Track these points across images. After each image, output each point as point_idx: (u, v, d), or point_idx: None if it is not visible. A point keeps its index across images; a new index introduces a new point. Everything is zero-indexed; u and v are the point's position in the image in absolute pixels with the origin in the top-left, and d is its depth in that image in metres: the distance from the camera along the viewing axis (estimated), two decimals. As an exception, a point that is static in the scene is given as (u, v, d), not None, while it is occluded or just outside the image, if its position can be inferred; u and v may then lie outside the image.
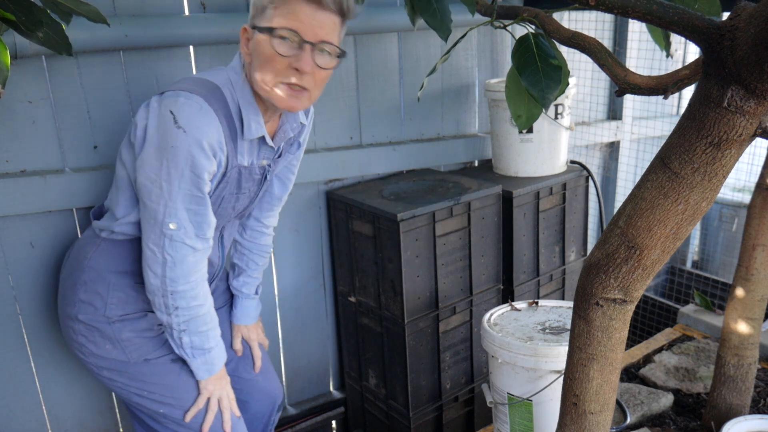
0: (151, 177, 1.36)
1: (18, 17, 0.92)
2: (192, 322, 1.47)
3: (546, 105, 1.29)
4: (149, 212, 1.39)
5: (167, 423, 1.59)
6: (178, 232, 1.38)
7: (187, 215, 1.38)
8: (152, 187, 1.36)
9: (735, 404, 1.66)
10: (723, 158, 0.82)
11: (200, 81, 1.41)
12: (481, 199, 2.12)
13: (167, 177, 1.34)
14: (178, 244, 1.39)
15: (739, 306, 1.60)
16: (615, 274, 0.94)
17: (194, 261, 1.43)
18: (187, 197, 1.37)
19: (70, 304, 1.54)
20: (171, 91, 1.37)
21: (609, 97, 2.89)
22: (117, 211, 1.51)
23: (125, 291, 1.53)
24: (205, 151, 1.35)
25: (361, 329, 2.26)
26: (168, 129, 1.32)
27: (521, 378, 1.60)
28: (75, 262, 1.56)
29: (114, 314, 1.52)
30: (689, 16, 0.79)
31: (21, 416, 1.85)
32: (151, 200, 1.37)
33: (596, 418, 1.06)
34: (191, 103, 1.34)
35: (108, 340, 1.53)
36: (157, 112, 1.35)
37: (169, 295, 1.42)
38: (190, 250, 1.41)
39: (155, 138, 1.35)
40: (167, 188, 1.35)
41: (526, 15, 1.26)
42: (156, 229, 1.38)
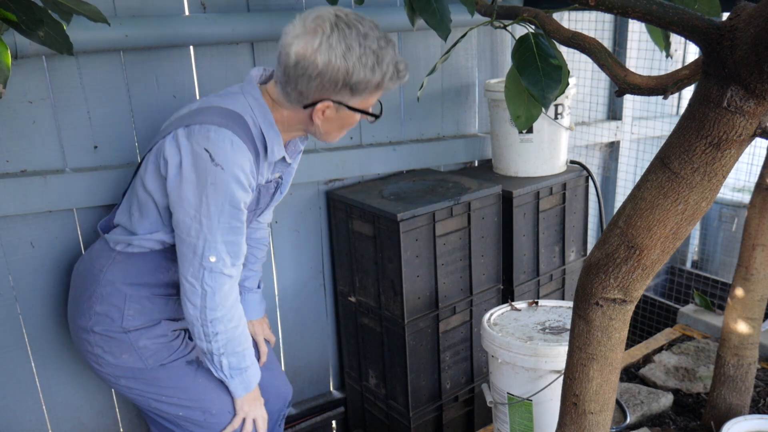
0: (191, 214, 1.39)
1: (19, 17, 0.92)
2: (230, 344, 1.50)
3: (546, 105, 1.29)
4: (188, 247, 1.42)
5: (187, 425, 1.62)
6: (217, 263, 1.42)
7: (225, 247, 1.42)
8: (192, 223, 1.39)
9: (735, 404, 1.66)
10: (723, 158, 0.82)
11: (223, 112, 1.43)
12: (481, 199, 2.12)
13: (207, 213, 1.38)
14: (217, 275, 1.43)
15: (739, 306, 1.60)
16: (615, 274, 0.94)
17: (230, 287, 1.46)
18: (226, 230, 1.41)
19: (85, 317, 1.55)
20: (197, 125, 1.39)
21: (609, 97, 2.89)
22: (139, 228, 1.52)
23: (141, 303, 1.55)
24: (243, 185, 1.40)
25: (361, 329, 2.26)
26: (206, 167, 1.36)
27: (521, 378, 1.60)
28: (89, 276, 1.57)
29: (131, 325, 1.54)
30: (689, 17, 0.79)
31: (21, 416, 1.85)
32: (190, 236, 1.40)
33: (596, 418, 1.06)
34: (223, 138, 1.37)
35: (125, 350, 1.55)
36: (189, 149, 1.38)
37: (208, 323, 1.45)
38: (227, 279, 1.45)
39: (193, 176, 1.37)
40: (207, 223, 1.39)
41: (526, 15, 1.26)
42: (195, 262, 1.42)
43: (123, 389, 1.60)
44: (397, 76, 1.44)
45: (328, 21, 1.35)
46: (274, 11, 1.99)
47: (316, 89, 1.40)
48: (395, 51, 1.44)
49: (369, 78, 1.39)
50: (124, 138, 1.85)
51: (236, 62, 1.98)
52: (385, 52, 1.40)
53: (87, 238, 1.83)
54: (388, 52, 1.41)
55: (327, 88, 1.40)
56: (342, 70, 1.36)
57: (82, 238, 1.83)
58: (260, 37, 1.96)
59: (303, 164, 2.07)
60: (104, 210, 1.83)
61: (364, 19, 1.39)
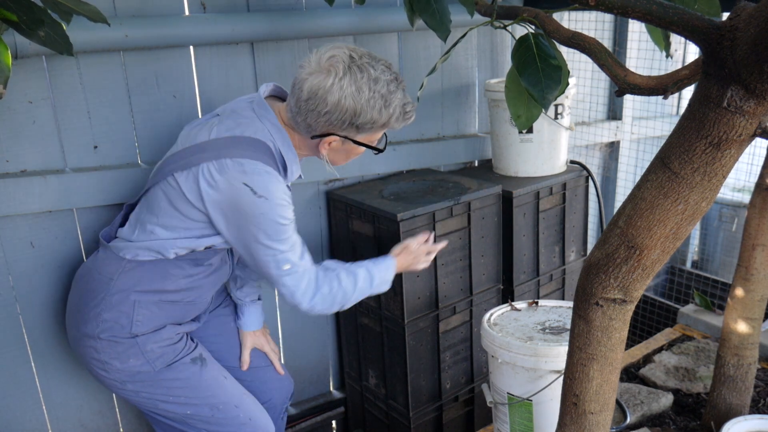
0: (249, 240, 1.49)
1: (19, 17, 0.93)
2: (348, 301, 1.64)
3: (546, 105, 1.29)
4: (260, 265, 1.53)
5: (195, 423, 1.65)
6: (292, 267, 1.54)
7: (289, 254, 1.53)
8: (257, 247, 1.50)
9: (735, 404, 1.66)
10: (723, 158, 0.82)
11: (248, 141, 1.49)
12: (481, 199, 2.12)
13: (265, 237, 1.48)
14: (297, 275, 1.54)
15: (739, 306, 1.60)
16: (615, 274, 0.94)
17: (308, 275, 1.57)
18: (284, 241, 1.51)
19: (92, 324, 1.56)
20: (227, 159, 1.45)
21: (609, 97, 2.89)
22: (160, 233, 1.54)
23: (150, 308, 1.57)
24: (285, 206, 1.50)
25: (361, 329, 2.26)
26: (251, 201, 1.45)
27: (521, 378, 1.60)
28: (97, 284, 1.57)
29: (139, 330, 1.56)
30: (689, 17, 0.79)
31: (21, 416, 1.85)
32: (260, 259, 1.52)
33: (596, 418, 1.06)
34: (258, 171, 1.46)
35: (132, 355, 1.57)
36: (226, 186, 1.45)
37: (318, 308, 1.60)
38: (307, 273, 1.57)
39: (241, 211, 1.46)
40: (269, 244, 1.49)
41: (526, 15, 1.26)
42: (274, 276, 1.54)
43: (130, 394, 1.61)
44: (403, 117, 1.53)
45: (342, 62, 1.43)
46: (274, 11, 1.99)
47: (324, 124, 1.49)
48: (404, 93, 1.52)
49: (376, 119, 1.49)
50: (124, 138, 1.85)
51: (236, 62, 1.98)
52: (393, 96, 1.48)
53: (87, 238, 1.83)
54: (397, 95, 1.49)
55: (334, 125, 1.48)
56: (350, 111, 1.45)
57: (82, 238, 1.83)
58: (260, 37, 1.96)
59: (303, 164, 2.07)
60: (104, 210, 1.83)
61: (377, 62, 1.48)
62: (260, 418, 1.71)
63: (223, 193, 1.45)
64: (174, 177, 1.50)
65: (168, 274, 1.57)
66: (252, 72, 2.01)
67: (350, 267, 1.68)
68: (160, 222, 1.53)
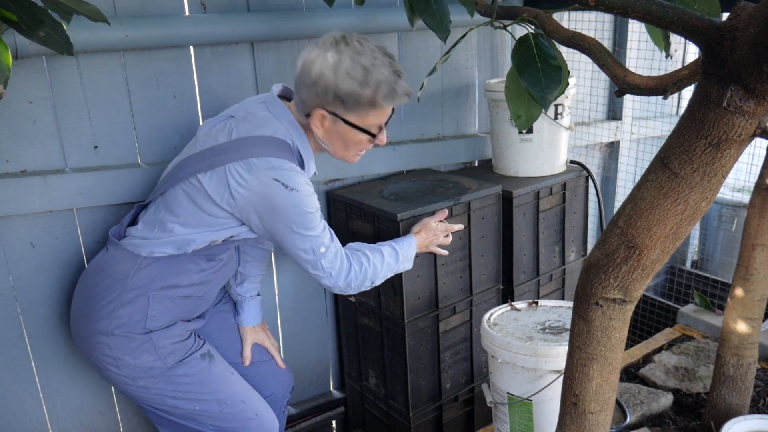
0: (285, 231, 1.55)
1: (19, 17, 0.93)
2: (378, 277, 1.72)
3: (546, 105, 1.29)
4: (302, 253, 1.59)
5: (203, 419, 1.67)
6: (327, 249, 1.61)
7: (323, 237, 1.60)
8: (294, 237, 1.56)
9: (734, 404, 1.66)
10: (722, 158, 0.82)
11: (270, 141, 1.54)
12: (481, 199, 2.12)
13: (300, 227, 1.55)
14: (331, 256, 1.62)
15: (739, 306, 1.60)
16: (615, 274, 0.94)
17: (340, 255, 1.65)
18: (317, 227, 1.58)
19: (104, 320, 1.57)
20: (253, 158, 1.50)
21: (609, 97, 2.89)
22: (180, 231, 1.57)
23: (164, 303, 1.59)
24: (313, 197, 1.56)
25: (361, 329, 2.26)
26: (284, 194, 1.50)
27: (521, 378, 1.60)
28: (111, 281, 1.58)
29: (153, 326, 1.58)
30: (689, 17, 0.79)
31: (21, 416, 1.85)
32: (297, 247, 1.58)
33: (596, 418, 1.07)
34: (284, 166, 1.51)
35: (145, 351, 1.58)
36: (257, 184, 1.49)
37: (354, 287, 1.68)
38: (339, 253, 1.64)
39: (274, 206, 1.51)
40: (305, 233, 1.56)
41: (526, 15, 1.26)
42: (312, 260, 1.60)
43: (140, 390, 1.62)
44: (391, 96, 1.52)
45: (331, 39, 1.49)
46: (274, 11, 1.99)
47: (312, 98, 1.52)
48: (393, 72, 1.51)
49: (358, 92, 1.48)
50: (124, 138, 1.85)
51: (236, 62, 1.98)
52: (376, 70, 1.48)
53: (87, 238, 1.83)
54: (381, 70, 1.49)
55: (321, 98, 1.51)
56: (331, 80, 1.48)
57: (82, 238, 1.83)
58: (260, 37, 1.97)
59: (303, 164, 2.07)
60: (104, 210, 1.83)
61: (367, 42, 1.51)
62: (266, 413, 1.74)
63: (255, 191, 1.49)
64: (197, 178, 1.53)
65: (183, 270, 1.60)
66: (252, 72, 2.01)
67: (374, 245, 1.76)
68: (181, 221, 1.56)
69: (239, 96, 1.99)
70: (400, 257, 1.78)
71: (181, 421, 1.69)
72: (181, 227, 1.56)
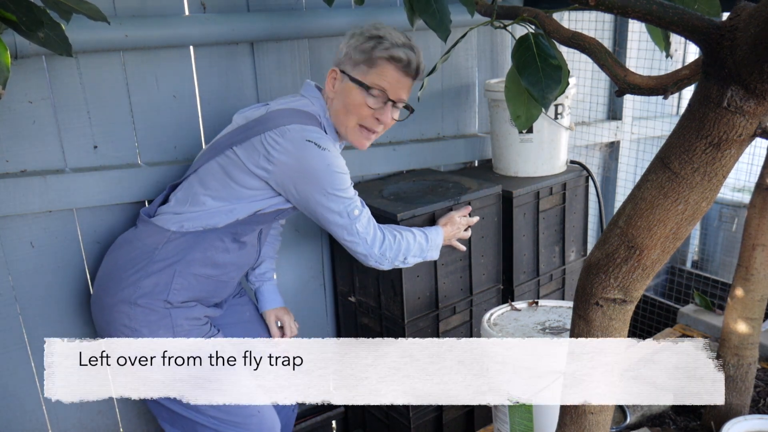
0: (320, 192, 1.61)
1: (18, 18, 0.92)
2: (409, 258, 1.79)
3: (546, 105, 1.28)
4: (337, 216, 1.65)
5: (205, 409, 1.67)
6: (360, 213, 1.67)
7: (356, 200, 1.67)
8: (329, 199, 1.62)
9: (735, 404, 1.66)
10: (723, 158, 0.82)
11: (301, 113, 1.65)
12: (481, 199, 2.12)
13: (333, 185, 1.61)
14: (365, 220, 1.68)
15: (739, 306, 1.60)
16: (615, 274, 0.94)
17: (371, 222, 1.71)
18: (349, 189, 1.66)
19: (129, 289, 1.61)
20: (284, 126, 1.59)
21: (609, 97, 2.89)
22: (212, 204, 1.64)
23: (188, 278, 1.64)
24: (341, 158, 1.65)
25: (361, 329, 2.26)
26: (318, 154, 1.58)
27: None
28: (140, 253, 1.64)
29: (175, 300, 1.63)
30: (689, 17, 0.79)
31: (21, 416, 1.85)
32: (332, 210, 1.64)
33: (596, 418, 1.06)
34: (314, 130, 1.62)
35: (162, 325, 1.62)
36: (292, 146, 1.58)
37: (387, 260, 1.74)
38: (372, 221, 1.71)
39: (309, 167, 1.59)
40: (339, 193, 1.62)
41: (526, 15, 1.26)
42: (347, 224, 1.66)
43: None
44: (390, 50, 1.62)
45: (362, 26, 1.67)
46: (274, 11, 1.99)
47: (335, 59, 1.71)
48: (404, 41, 1.65)
49: (361, 44, 1.63)
50: (124, 138, 1.85)
51: (236, 62, 1.98)
52: (385, 31, 1.63)
53: (87, 238, 1.83)
54: (390, 32, 1.63)
55: (337, 58, 1.69)
56: (346, 40, 1.66)
57: (82, 238, 1.83)
58: (260, 37, 1.96)
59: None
60: (104, 210, 1.84)
61: (387, 26, 1.67)
62: (268, 411, 1.73)
63: (291, 154, 1.57)
64: (233, 150, 1.61)
65: (210, 246, 1.65)
66: (252, 72, 2.01)
67: (403, 227, 1.82)
68: (213, 194, 1.63)
69: (239, 96, 1.99)
70: (430, 242, 1.83)
71: (182, 411, 1.67)
72: (212, 200, 1.62)
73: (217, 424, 1.68)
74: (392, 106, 1.69)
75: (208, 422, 1.69)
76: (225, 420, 1.68)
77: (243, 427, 1.69)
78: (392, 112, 1.70)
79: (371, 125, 1.69)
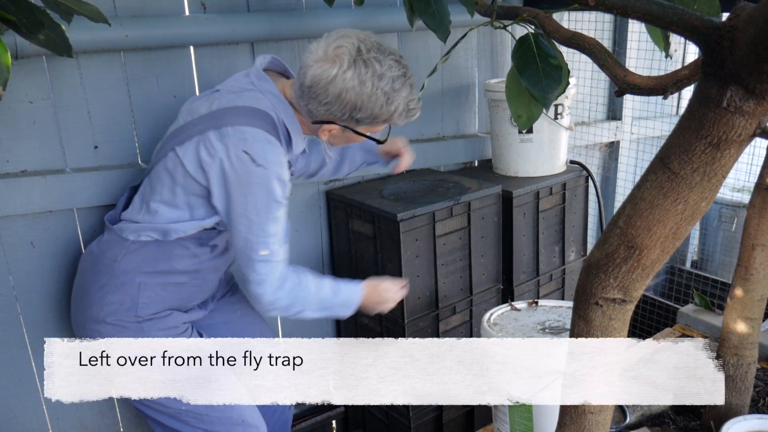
0: (238, 212, 1.46)
1: (19, 19, 0.93)
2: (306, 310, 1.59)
3: (546, 105, 1.29)
4: (240, 241, 1.49)
5: (190, 420, 1.63)
6: (269, 255, 1.49)
7: (273, 239, 1.49)
8: (241, 220, 1.47)
9: (734, 404, 1.66)
10: (722, 158, 0.82)
11: (250, 111, 1.48)
12: (481, 199, 2.12)
13: (255, 211, 1.45)
14: (272, 264, 1.50)
15: (739, 306, 1.60)
16: (614, 274, 0.94)
17: (281, 273, 1.53)
18: (272, 222, 1.48)
19: (96, 306, 1.55)
20: (229, 127, 1.44)
21: (609, 97, 2.89)
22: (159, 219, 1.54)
23: (155, 290, 1.57)
24: (283, 180, 1.48)
25: (361, 329, 2.26)
26: (249, 170, 1.43)
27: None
28: (101, 266, 1.57)
29: (144, 313, 1.56)
30: (689, 17, 0.79)
31: (21, 416, 1.85)
32: (241, 232, 1.48)
33: (596, 418, 1.06)
34: (259, 139, 1.44)
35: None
36: (226, 152, 1.43)
37: (279, 308, 1.55)
38: (281, 266, 1.53)
39: (236, 178, 1.44)
40: (256, 220, 1.46)
41: (526, 15, 1.26)
42: (248, 255, 1.49)
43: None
44: (406, 114, 1.52)
45: (348, 54, 1.41)
46: (274, 11, 1.99)
47: (324, 113, 1.49)
48: (411, 89, 1.51)
49: (377, 114, 1.48)
50: (124, 138, 1.85)
51: (236, 62, 1.98)
52: (397, 94, 1.47)
53: (87, 238, 1.83)
54: (402, 93, 1.48)
55: (335, 115, 1.48)
56: (350, 105, 1.45)
57: (82, 238, 1.83)
58: (260, 37, 1.97)
59: (303, 164, 2.07)
60: (105, 210, 1.83)
61: (385, 56, 1.44)
62: (254, 418, 1.69)
63: (222, 162, 1.44)
64: (175, 151, 1.50)
65: (172, 255, 1.56)
66: (252, 72, 2.01)
67: (318, 275, 1.64)
68: (164, 199, 1.53)
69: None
70: (340, 297, 1.65)
71: (169, 423, 1.65)
72: (164, 207, 1.53)
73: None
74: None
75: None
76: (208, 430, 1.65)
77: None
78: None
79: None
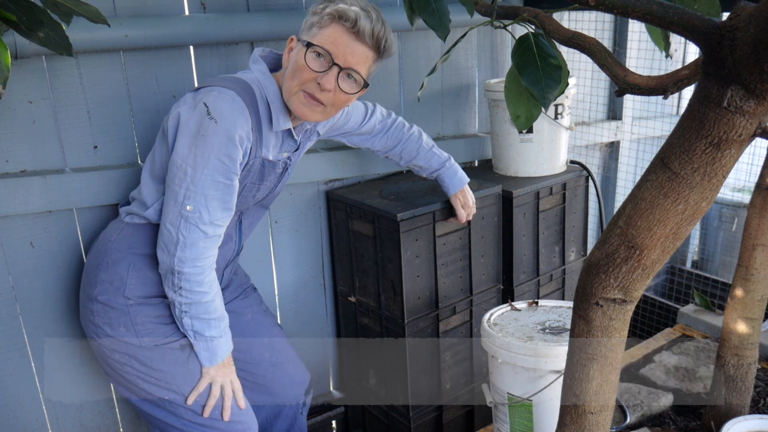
0: (177, 162, 1.46)
1: (19, 17, 0.93)
2: (194, 307, 1.54)
3: (546, 105, 1.29)
4: (171, 194, 1.48)
5: (173, 409, 1.62)
6: (194, 215, 1.47)
7: (205, 201, 1.46)
8: (177, 172, 1.46)
9: (734, 404, 1.66)
10: (723, 158, 0.82)
11: (232, 78, 1.53)
12: (481, 199, 2.12)
13: (193, 163, 1.44)
14: (192, 227, 1.47)
15: (739, 306, 1.60)
16: (615, 274, 0.94)
17: (204, 247, 1.50)
18: (209, 183, 1.46)
19: (92, 285, 1.60)
20: (205, 87, 1.50)
21: (609, 97, 2.89)
22: (147, 199, 1.58)
23: (144, 272, 1.59)
24: (234, 141, 1.45)
25: (361, 329, 2.26)
26: (201, 119, 1.44)
27: (521, 378, 1.60)
28: (100, 246, 1.63)
29: (132, 294, 1.57)
30: (689, 17, 0.79)
31: (21, 416, 1.85)
32: (174, 183, 1.47)
33: (596, 418, 1.06)
34: (224, 97, 1.45)
35: (122, 322, 1.57)
36: (191, 103, 1.48)
37: (176, 273, 1.50)
38: (202, 235, 1.49)
39: (187, 127, 1.45)
40: (191, 173, 1.45)
41: (526, 15, 1.26)
42: (175, 209, 1.47)
43: (116, 364, 1.59)
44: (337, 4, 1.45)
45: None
46: (274, 11, 1.99)
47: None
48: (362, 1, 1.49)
49: (316, 7, 1.49)
50: (124, 138, 1.85)
51: (236, 62, 1.97)
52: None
53: (87, 238, 1.83)
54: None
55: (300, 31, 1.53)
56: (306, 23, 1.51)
57: (82, 238, 1.83)
58: (260, 37, 1.96)
59: (303, 164, 2.07)
60: (104, 210, 1.83)
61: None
62: (241, 414, 1.67)
63: (182, 111, 1.48)
64: (162, 125, 1.56)
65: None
66: (252, 72, 2.01)
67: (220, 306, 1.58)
68: (148, 169, 1.58)
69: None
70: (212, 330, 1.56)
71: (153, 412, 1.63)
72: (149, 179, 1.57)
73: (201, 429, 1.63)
74: (339, 72, 1.48)
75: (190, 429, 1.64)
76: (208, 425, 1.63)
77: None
78: (338, 78, 1.48)
79: (313, 90, 1.48)
